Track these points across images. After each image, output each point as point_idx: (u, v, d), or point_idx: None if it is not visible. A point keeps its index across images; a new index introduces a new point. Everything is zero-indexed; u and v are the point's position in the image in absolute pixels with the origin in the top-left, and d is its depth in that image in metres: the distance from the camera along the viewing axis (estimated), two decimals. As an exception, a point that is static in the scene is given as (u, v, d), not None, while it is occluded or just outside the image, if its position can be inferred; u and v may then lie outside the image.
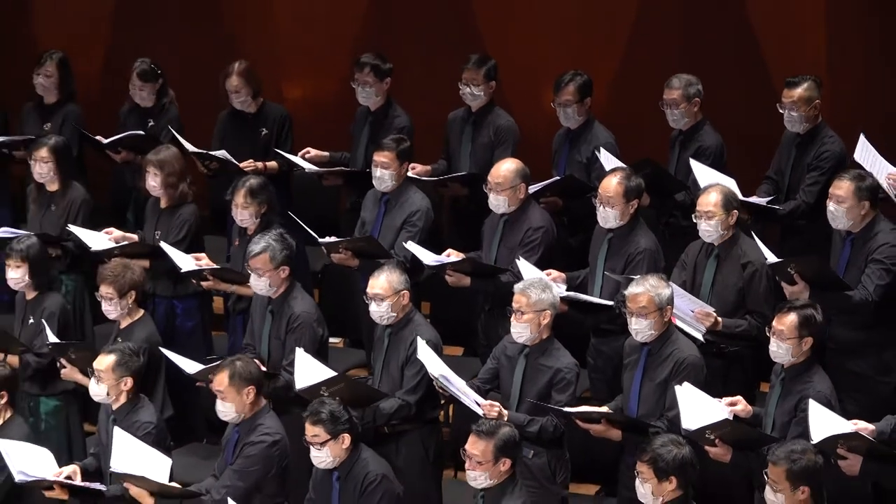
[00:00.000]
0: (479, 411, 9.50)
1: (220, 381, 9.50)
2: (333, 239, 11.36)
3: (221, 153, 12.66)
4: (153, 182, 11.92)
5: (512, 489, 8.64)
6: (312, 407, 9.12)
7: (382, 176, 11.53)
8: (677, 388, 9.23)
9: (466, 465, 8.68)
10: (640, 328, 9.52)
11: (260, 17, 14.78)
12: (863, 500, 9.43)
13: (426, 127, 12.81)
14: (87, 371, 9.93)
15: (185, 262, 11.35)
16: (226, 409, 9.49)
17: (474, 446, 8.60)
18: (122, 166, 13.30)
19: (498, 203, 11.04)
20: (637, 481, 8.42)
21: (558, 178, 11.83)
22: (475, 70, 12.32)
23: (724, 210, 10.20)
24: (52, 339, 10.57)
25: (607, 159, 11.38)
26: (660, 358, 9.57)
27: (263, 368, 10.03)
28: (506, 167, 11.06)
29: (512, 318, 9.70)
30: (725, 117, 12.02)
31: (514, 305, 9.67)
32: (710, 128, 11.72)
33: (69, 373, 10.43)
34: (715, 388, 9.41)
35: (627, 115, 12.38)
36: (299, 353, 9.87)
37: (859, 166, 10.76)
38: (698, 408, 9.09)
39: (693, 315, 9.91)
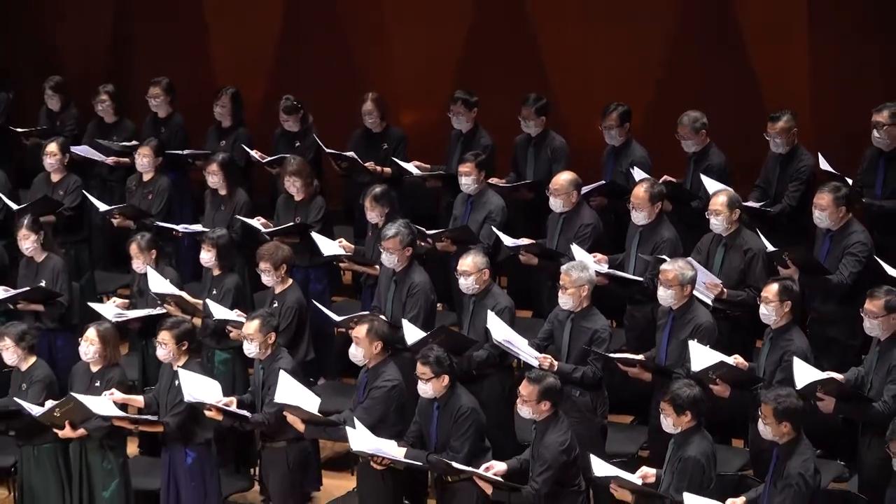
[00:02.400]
0: (535, 363, 9.54)
1: (359, 331, 9.50)
2: (437, 231, 11.44)
3: (350, 154, 12.71)
4: (294, 188, 12.00)
5: (555, 424, 8.69)
6: (423, 351, 9.15)
7: (466, 182, 11.59)
8: (690, 342, 9.28)
9: (517, 401, 8.78)
10: (665, 296, 9.59)
11: (382, 61, 14.79)
12: (835, 430, 9.45)
13: (511, 145, 12.79)
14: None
15: (330, 247, 11.45)
16: (357, 353, 9.49)
17: (524, 388, 8.70)
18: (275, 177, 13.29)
19: (556, 204, 11.08)
20: (661, 416, 8.47)
21: (602, 182, 11.84)
22: (529, 109, 12.32)
23: (729, 209, 10.26)
24: (222, 313, 10.63)
25: (638, 174, 11.42)
26: (683, 322, 9.58)
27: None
28: (563, 178, 11.10)
29: (559, 292, 9.78)
30: (726, 140, 11.99)
31: (560, 282, 9.73)
32: (716, 149, 11.67)
33: (236, 335, 10.46)
34: (722, 345, 9.39)
35: (658, 137, 12.29)
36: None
37: (831, 177, 10.91)
38: (705, 357, 9.16)
39: (705, 286, 9.97)
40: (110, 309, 11.01)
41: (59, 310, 11.31)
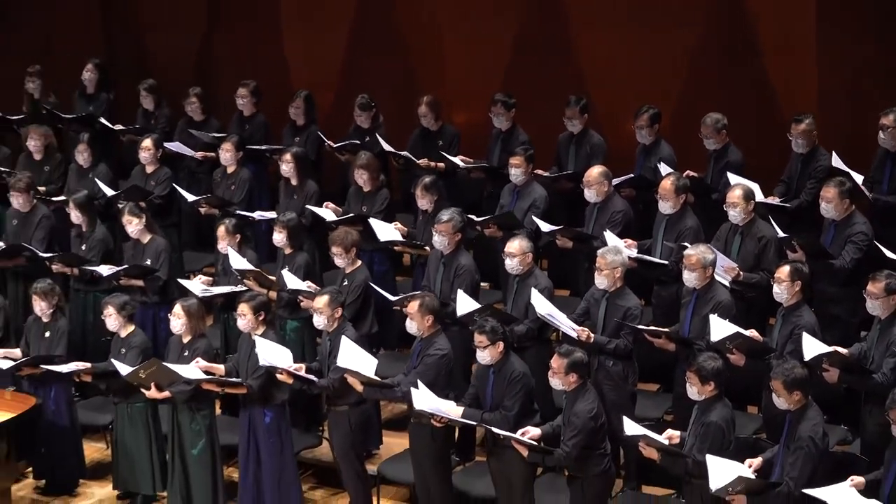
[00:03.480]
0: (574, 335, 9.56)
1: (412, 307, 9.52)
2: (485, 218, 11.40)
3: (405, 153, 12.74)
4: (361, 179, 12.02)
5: (584, 394, 8.69)
6: (479, 322, 9.14)
7: (516, 173, 11.57)
8: (711, 316, 9.27)
9: (549, 373, 8.78)
10: (690, 278, 9.56)
11: (437, 66, 14.81)
12: (839, 399, 9.42)
13: (547, 141, 12.77)
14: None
15: (386, 232, 11.44)
16: (412, 327, 9.51)
17: (555, 361, 8.72)
18: (346, 165, 13.29)
19: (590, 195, 11.05)
20: (687, 385, 8.44)
21: (631, 175, 11.82)
22: (573, 109, 12.34)
23: (745, 201, 10.23)
24: (295, 284, 10.64)
25: (665, 169, 11.40)
26: (705, 300, 9.54)
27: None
28: (595, 171, 11.08)
29: (595, 273, 9.77)
30: (745, 141, 11.92)
31: (596, 265, 9.72)
32: (735, 148, 11.65)
33: (306, 304, 10.47)
34: (739, 321, 9.33)
35: (683, 136, 12.27)
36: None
37: (842, 173, 10.87)
38: (724, 329, 9.14)
39: (723, 269, 9.94)
40: (197, 285, 11.06)
41: (157, 283, 11.37)
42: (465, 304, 9.94)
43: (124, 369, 9.88)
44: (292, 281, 10.62)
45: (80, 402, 11.03)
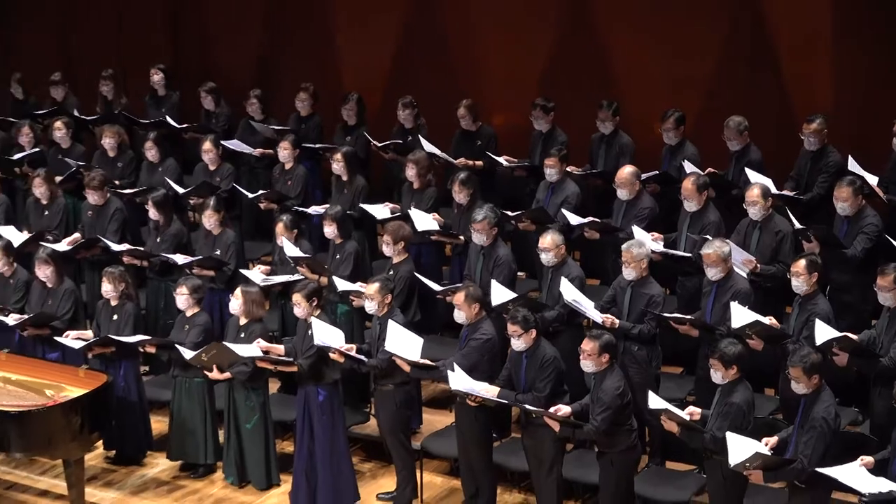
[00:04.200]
0: (600, 320, 9.58)
1: (458, 297, 9.48)
2: (518, 213, 11.41)
3: (443, 154, 12.73)
4: (410, 172, 12.06)
5: (612, 373, 8.68)
6: (512, 313, 9.12)
7: (550, 172, 11.61)
8: (731, 303, 9.26)
9: (581, 357, 8.75)
10: (712, 273, 9.57)
11: (477, 71, 14.81)
12: (849, 381, 9.42)
13: (583, 140, 12.76)
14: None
15: (424, 222, 11.45)
16: (459, 316, 9.48)
17: (586, 344, 8.69)
18: (390, 163, 13.39)
19: (622, 193, 11.06)
20: (711, 370, 8.41)
21: (656, 172, 11.81)
22: (606, 112, 12.35)
23: (763, 199, 10.21)
24: (345, 286, 10.61)
25: (689, 167, 11.38)
26: (725, 288, 9.53)
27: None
28: (626, 171, 11.09)
29: (622, 265, 9.75)
30: (762, 141, 11.87)
31: (623, 258, 9.72)
32: (755, 147, 11.64)
33: (358, 304, 10.45)
34: (758, 309, 9.30)
35: (707, 137, 12.23)
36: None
37: (854, 173, 10.88)
38: (744, 316, 9.12)
39: (741, 261, 9.91)
40: (256, 274, 11.11)
41: (227, 273, 11.43)
42: (499, 294, 9.93)
43: (188, 354, 9.93)
44: (342, 284, 10.60)
45: (147, 378, 11.08)
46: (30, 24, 17.58)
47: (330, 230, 11.15)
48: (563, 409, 8.76)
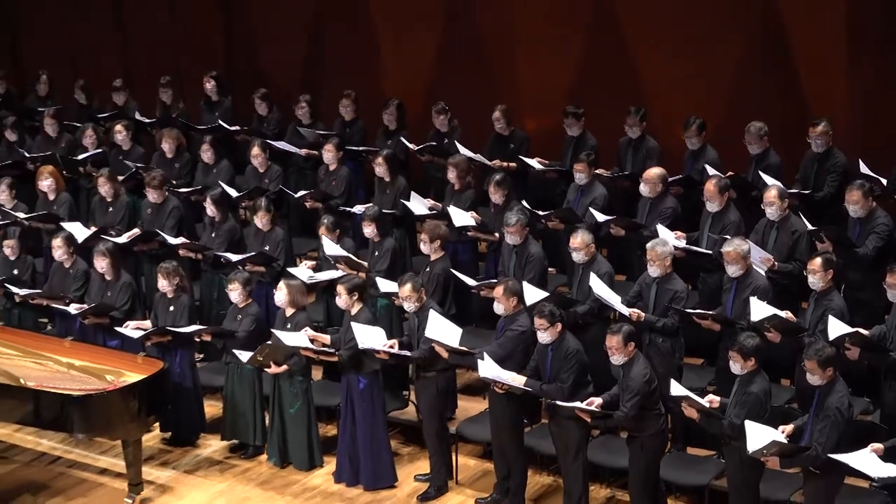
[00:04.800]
0: (627, 313, 9.58)
1: (498, 291, 9.47)
2: (547, 213, 11.39)
3: (478, 156, 12.74)
4: (451, 175, 12.05)
5: (638, 361, 8.68)
6: (539, 307, 9.12)
7: (579, 176, 11.61)
8: (751, 298, 9.24)
9: (609, 352, 8.75)
10: (732, 270, 9.55)
11: (512, 79, 14.81)
12: (861, 373, 9.34)
13: (611, 144, 12.73)
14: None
15: (462, 218, 11.46)
16: (499, 308, 9.46)
17: (610, 340, 8.69)
18: (428, 164, 13.39)
19: (646, 191, 11.09)
20: (730, 362, 8.39)
21: (679, 176, 11.77)
22: (634, 118, 12.33)
23: (780, 200, 10.20)
24: (385, 287, 10.62)
25: (711, 171, 11.36)
26: (744, 284, 9.50)
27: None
28: (654, 171, 11.12)
29: (648, 263, 9.73)
30: (775, 144, 11.83)
31: (647, 256, 9.71)
32: (773, 152, 11.60)
33: (398, 303, 10.40)
34: (775, 304, 9.26)
35: (728, 142, 12.20)
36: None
37: (864, 176, 10.86)
38: (762, 310, 9.11)
39: (760, 259, 9.87)
40: (304, 271, 11.15)
41: (276, 269, 11.46)
42: (532, 294, 9.91)
43: (244, 356, 9.99)
44: (385, 285, 10.62)
45: (201, 365, 11.13)
46: (94, 34, 17.69)
47: (369, 230, 11.17)
48: (596, 401, 8.77)
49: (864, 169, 11.14)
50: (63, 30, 17.60)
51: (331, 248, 11.04)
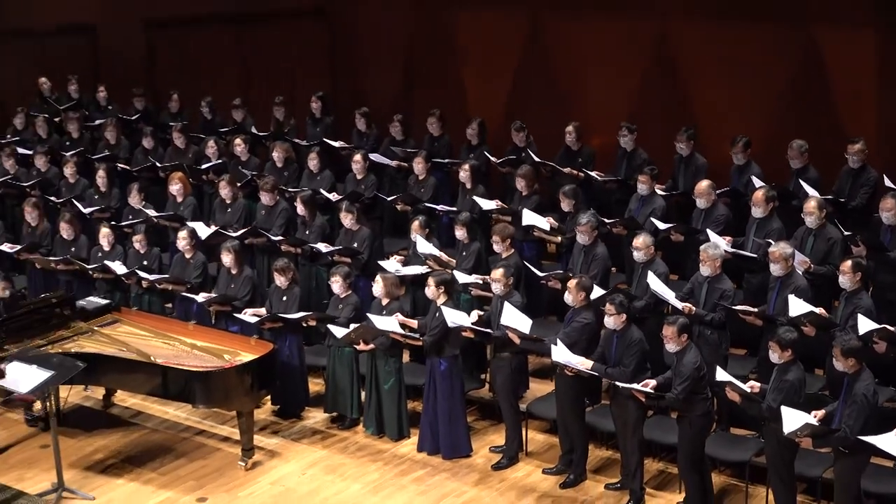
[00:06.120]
0: (680, 307, 9.54)
1: (571, 283, 9.43)
2: (613, 220, 11.38)
3: (550, 162, 12.75)
4: (520, 183, 12.04)
5: (690, 350, 8.64)
6: (612, 297, 9.12)
7: (642, 188, 11.50)
8: (790, 296, 9.17)
9: (664, 341, 8.71)
10: (776, 269, 9.46)
11: (582, 100, 14.80)
12: (887, 364, 9.24)
13: (663, 159, 12.62)
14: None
15: (533, 219, 11.46)
16: (568, 298, 9.43)
17: (666, 330, 8.67)
18: (507, 175, 13.34)
19: (700, 202, 10.99)
20: (770, 352, 8.35)
21: (726, 188, 11.66)
22: (683, 136, 12.19)
23: (818, 210, 10.08)
24: (463, 279, 10.67)
25: (757, 182, 11.25)
26: (787, 283, 9.42)
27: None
28: (704, 184, 11.01)
29: (700, 263, 9.69)
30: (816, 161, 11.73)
31: (700, 257, 9.66)
32: (812, 167, 11.48)
33: (476, 293, 10.54)
34: (810, 303, 9.18)
35: (772, 158, 12.08)
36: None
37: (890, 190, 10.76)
38: (800, 307, 9.04)
39: (797, 262, 9.77)
40: (392, 264, 11.22)
41: (361, 262, 11.54)
42: (594, 290, 9.93)
43: (340, 332, 10.07)
44: (463, 277, 10.65)
45: (307, 348, 11.25)
46: (217, 60, 17.95)
47: (460, 233, 11.17)
48: (651, 383, 8.76)
49: (888, 183, 11.01)
50: (192, 56, 17.89)
51: (423, 245, 11.10)
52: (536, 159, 12.75)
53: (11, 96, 16.66)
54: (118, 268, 11.54)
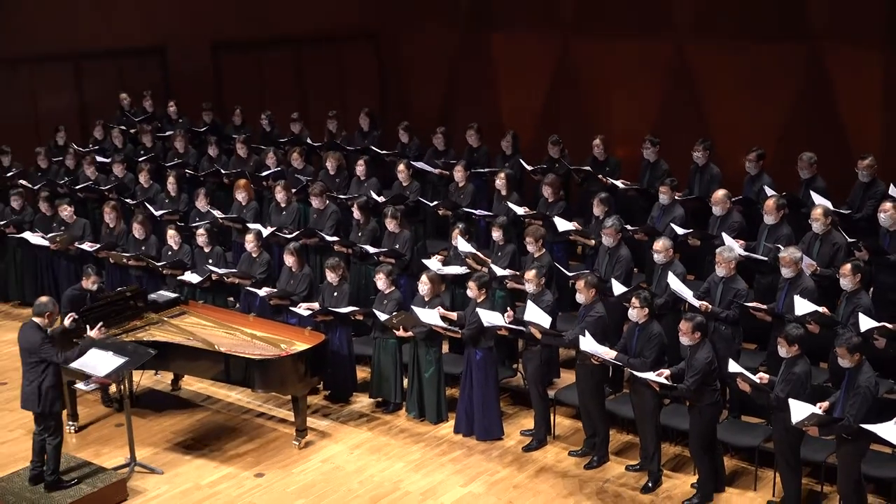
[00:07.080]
0: (697, 305, 9.48)
1: (580, 283, 9.39)
2: (634, 227, 11.26)
3: (586, 167, 12.70)
4: (547, 191, 11.99)
5: (703, 346, 8.58)
6: (639, 290, 9.10)
7: (663, 198, 11.40)
8: (796, 297, 9.09)
9: (680, 334, 8.66)
10: (785, 272, 9.38)
11: (607, 114, 14.77)
12: (887, 358, 9.12)
13: (682, 169, 12.54)
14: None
15: (565, 224, 11.40)
16: (580, 297, 9.41)
17: (683, 325, 8.59)
18: (537, 184, 13.38)
19: (716, 209, 10.89)
20: (778, 346, 8.29)
21: (739, 197, 11.55)
22: (699, 147, 12.14)
23: (824, 217, 9.97)
24: (499, 272, 10.67)
25: (769, 191, 11.16)
26: (795, 285, 9.33)
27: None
28: (719, 193, 10.89)
29: (716, 265, 9.63)
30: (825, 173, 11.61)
31: (716, 259, 9.60)
32: (820, 177, 11.39)
33: (512, 285, 10.52)
34: (816, 303, 9.10)
35: (783, 170, 12.01)
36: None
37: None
38: (805, 307, 8.96)
39: (805, 265, 9.68)
40: (434, 263, 11.21)
41: (403, 262, 11.55)
42: (618, 288, 9.91)
43: (383, 317, 10.11)
44: (499, 271, 10.64)
45: (355, 339, 11.27)
46: (277, 78, 18.04)
47: (497, 235, 11.14)
48: (665, 373, 8.72)
49: (892, 192, 10.89)
50: (254, 74, 18.02)
51: (463, 245, 11.11)
52: (570, 167, 12.73)
53: (93, 111, 16.90)
54: (192, 278, 11.61)
